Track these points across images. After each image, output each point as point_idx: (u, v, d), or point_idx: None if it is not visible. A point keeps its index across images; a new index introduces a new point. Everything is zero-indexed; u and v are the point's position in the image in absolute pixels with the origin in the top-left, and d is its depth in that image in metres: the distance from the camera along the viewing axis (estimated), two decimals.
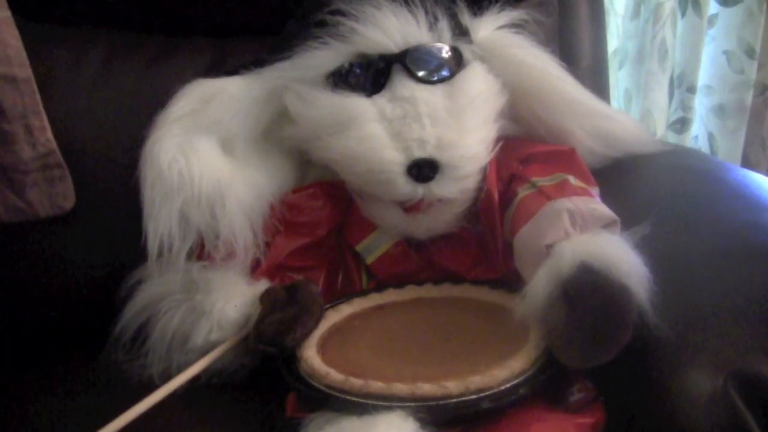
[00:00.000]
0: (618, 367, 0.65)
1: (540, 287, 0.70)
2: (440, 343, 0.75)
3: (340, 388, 0.67)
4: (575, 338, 0.65)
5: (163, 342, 0.78)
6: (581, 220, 0.74)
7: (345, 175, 0.86)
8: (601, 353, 0.64)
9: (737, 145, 1.67)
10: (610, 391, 0.70)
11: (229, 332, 0.77)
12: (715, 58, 1.67)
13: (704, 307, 0.70)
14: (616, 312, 0.65)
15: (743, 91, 1.64)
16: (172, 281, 0.82)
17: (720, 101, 1.68)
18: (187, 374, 0.70)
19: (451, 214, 0.85)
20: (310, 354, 0.74)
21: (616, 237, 0.72)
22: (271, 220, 0.86)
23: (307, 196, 0.90)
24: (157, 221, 0.80)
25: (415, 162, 0.79)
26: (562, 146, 0.88)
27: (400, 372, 0.68)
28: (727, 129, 1.68)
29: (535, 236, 0.75)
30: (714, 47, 1.66)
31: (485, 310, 0.81)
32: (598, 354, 0.65)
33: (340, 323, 0.82)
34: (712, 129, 1.71)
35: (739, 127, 1.66)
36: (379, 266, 0.89)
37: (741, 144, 1.67)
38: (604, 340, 0.64)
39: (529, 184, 0.83)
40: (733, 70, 1.65)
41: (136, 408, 0.64)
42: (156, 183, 0.81)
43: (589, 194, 0.79)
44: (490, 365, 0.67)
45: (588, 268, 0.67)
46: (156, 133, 0.84)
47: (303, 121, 0.85)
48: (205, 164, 0.83)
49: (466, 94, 0.83)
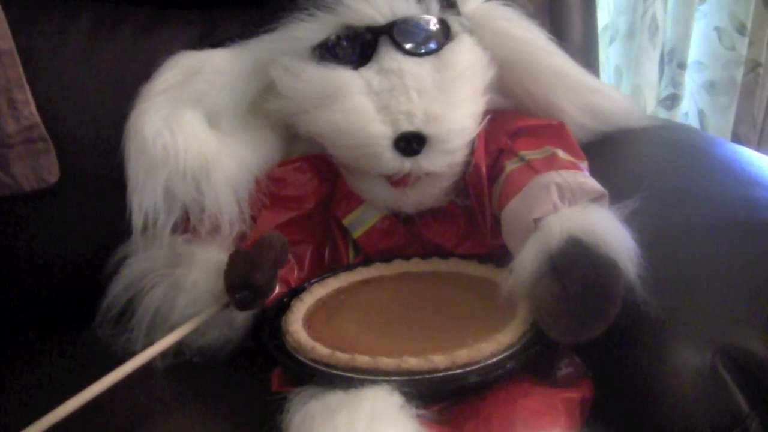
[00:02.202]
0: (606, 343, 0.65)
1: (528, 261, 0.69)
2: (427, 318, 0.75)
3: (325, 362, 0.67)
4: (563, 313, 0.65)
5: (146, 318, 0.77)
6: (570, 193, 0.73)
7: (332, 149, 0.85)
8: (589, 328, 0.64)
9: (727, 122, 1.67)
10: (598, 366, 0.70)
11: (206, 305, 0.76)
12: (706, 34, 1.66)
13: (693, 282, 0.69)
14: (604, 286, 0.64)
15: (734, 68, 1.63)
16: (156, 256, 0.81)
17: (711, 78, 1.67)
18: (162, 344, 0.68)
19: (439, 188, 0.84)
20: (295, 328, 0.73)
21: (605, 211, 0.71)
22: (257, 194, 0.86)
23: (293, 170, 0.89)
24: (142, 195, 0.79)
25: (403, 135, 0.78)
26: (551, 120, 0.87)
27: (386, 346, 0.68)
28: (717, 106, 1.68)
29: (523, 210, 0.75)
30: (705, 23, 1.65)
31: (473, 285, 0.81)
32: (586, 329, 0.64)
33: (326, 297, 0.82)
34: (703, 106, 1.71)
35: (730, 104, 1.65)
36: (366, 240, 0.88)
37: (731, 121, 1.66)
38: (592, 315, 0.64)
39: (517, 158, 0.82)
40: (724, 46, 1.64)
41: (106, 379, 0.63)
42: (140, 157, 0.80)
43: (577, 168, 0.79)
44: (477, 339, 0.66)
45: (576, 242, 0.67)
46: (140, 106, 0.83)
47: (289, 94, 0.84)
48: (190, 137, 0.82)
49: (454, 67, 0.82)
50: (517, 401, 0.64)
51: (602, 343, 0.64)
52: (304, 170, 0.89)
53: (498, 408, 0.64)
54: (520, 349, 0.67)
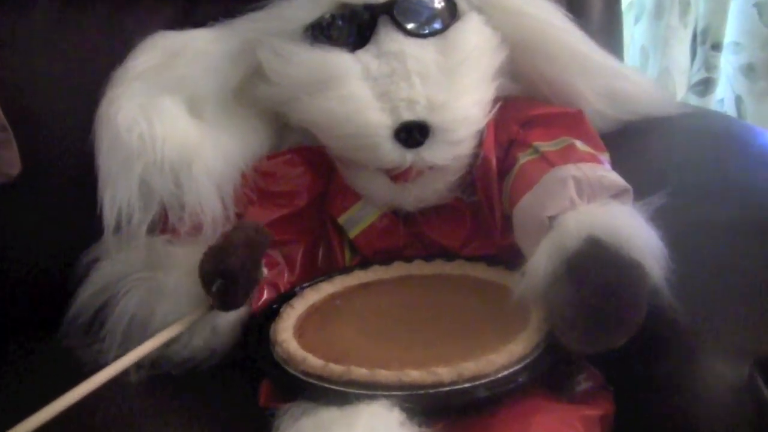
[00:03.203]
0: (629, 354, 0.65)
1: (542, 263, 0.69)
2: (431, 326, 0.75)
3: (318, 375, 0.67)
4: (581, 320, 0.65)
5: (121, 327, 0.77)
6: (588, 188, 0.73)
7: (326, 140, 0.85)
8: (610, 337, 0.64)
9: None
10: (620, 380, 0.70)
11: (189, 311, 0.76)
12: (744, 11, 1.65)
13: (727, 286, 0.70)
14: (626, 291, 0.64)
15: None
16: (131, 258, 0.81)
17: (749, 60, 1.67)
18: (138, 353, 0.69)
19: (444, 183, 0.85)
20: (285, 337, 0.73)
21: (628, 208, 0.72)
22: (244, 190, 0.86)
23: (283, 163, 0.90)
24: (115, 190, 0.79)
25: (404, 125, 0.79)
26: (567, 107, 0.88)
27: (385, 357, 0.68)
28: (756, 91, 1.67)
29: (536, 207, 0.75)
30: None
31: (481, 289, 0.81)
32: (606, 338, 0.64)
33: (319, 303, 0.82)
34: (740, 91, 1.70)
35: None
36: (363, 240, 0.89)
37: None
38: (613, 323, 0.64)
39: (530, 150, 0.82)
40: (765, 24, 1.63)
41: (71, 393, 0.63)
42: (113, 148, 0.80)
43: (597, 160, 0.79)
44: (486, 350, 0.66)
45: (595, 242, 0.67)
46: (113, 92, 0.83)
47: (279, 80, 0.85)
48: (169, 127, 0.82)
49: (461, 49, 0.83)
50: (530, 419, 0.64)
51: (625, 354, 0.64)
52: (295, 163, 0.90)
53: (509, 426, 0.63)
54: (534, 360, 0.67)
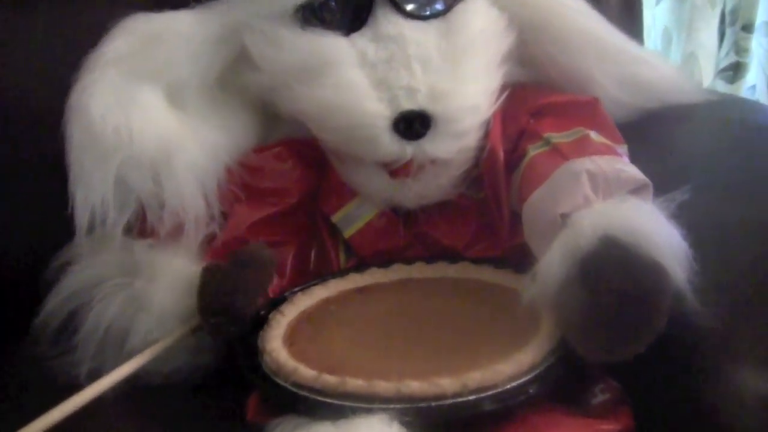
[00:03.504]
0: (650, 364, 0.64)
1: (554, 265, 0.69)
2: (433, 333, 0.75)
3: (311, 386, 0.67)
4: (597, 327, 0.64)
5: (95, 337, 0.77)
6: (604, 183, 0.73)
7: (318, 132, 0.85)
8: (629, 346, 0.64)
9: None
10: (640, 392, 0.70)
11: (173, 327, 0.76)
12: None
13: (757, 290, 0.69)
14: (646, 295, 0.64)
15: None
16: (106, 262, 0.81)
17: None
18: (118, 374, 0.69)
19: (447, 178, 0.85)
20: (275, 346, 0.73)
21: (648, 205, 0.71)
22: (229, 186, 0.86)
23: (272, 157, 0.90)
24: (88, 188, 0.79)
25: (403, 115, 0.79)
26: (581, 95, 0.87)
27: (383, 367, 0.68)
28: None
29: (548, 203, 0.75)
30: None
31: (487, 294, 0.81)
32: (625, 346, 0.64)
33: (312, 309, 0.82)
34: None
35: None
36: (359, 241, 0.89)
37: None
38: (632, 330, 0.64)
39: (541, 141, 0.82)
40: None
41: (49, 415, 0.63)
42: (86, 141, 0.80)
43: (614, 153, 0.79)
44: (492, 359, 0.66)
45: (612, 242, 0.67)
46: (86, 79, 0.83)
47: (267, 66, 0.85)
48: (148, 118, 0.82)
49: (465, 33, 0.83)
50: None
51: (645, 364, 0.64)
52: (285, 157, 0.90)
53: None
54: (545, 370, 0.67)
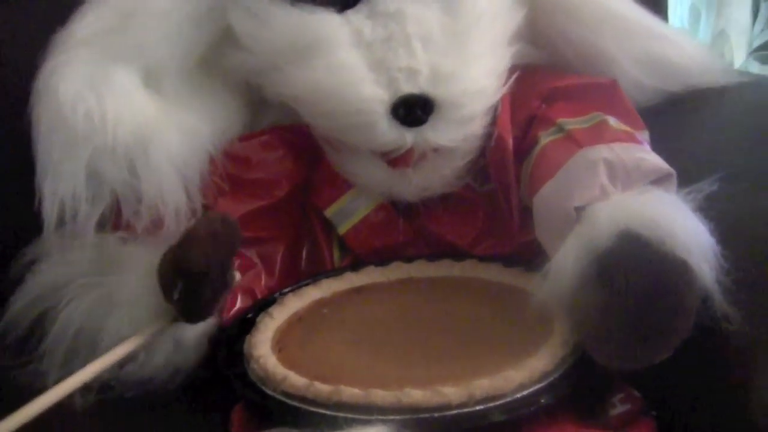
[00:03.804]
0: (674, 371, 0.64)
1: (568, 263, 0.69)
2: (436, 338, 0.75)
3: (302, 396, 0.67)
4: (615, 331, 0.64)
5: (64, 342, 0.77)
6: (623, 173, 0.73)
7: (310, 118, 0.85)
8: (651, 351, 0.64)
9: None
10: (663, 402, 0.70)
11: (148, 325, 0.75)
12: None
13: None
14: (670, 296, 0.63)
15: None
16: (77, 260, 0.81)
17: None
18: (85, 374, 0.68)
19: (451, 168, 0.85)
20: (262, 352, 0.73)
21: (671, 196, 0.71)
22: (212, 178, 0.86)
23: (260, 146, 0.90)
24: (57, 179, 0.78)
25: (403, 99, 0.79)
26: (599, 77, 0.87)
27: (382, 375, 0.68)
28: None
29: (561, 196, 0.75)
30: None
31: (495, 295, 0.81)
32: (646, 352, 0.64)
33: (303, 312, 0.82)
34: None
35: None
36: (355, 237, 0.89)
37: None
38: (654, 334, 0.63)
39: (554, 128, 0.82)
40: None
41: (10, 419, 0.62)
42: (55, 128, 0.79)
43: (634, 140, 0.79)
44: (501, 366, 0.66)
45: (632, 237, 0.66)
46: (55, 61, 0.82)
47: (253, 46, 0.85)
48: (123, 103, 0.81)
49: (471, 9, 0.83)
50: None
51: (669, 371, 0.64)
52: (273, 146, 0.90)
53: None
54: (559, 378, 0.67)
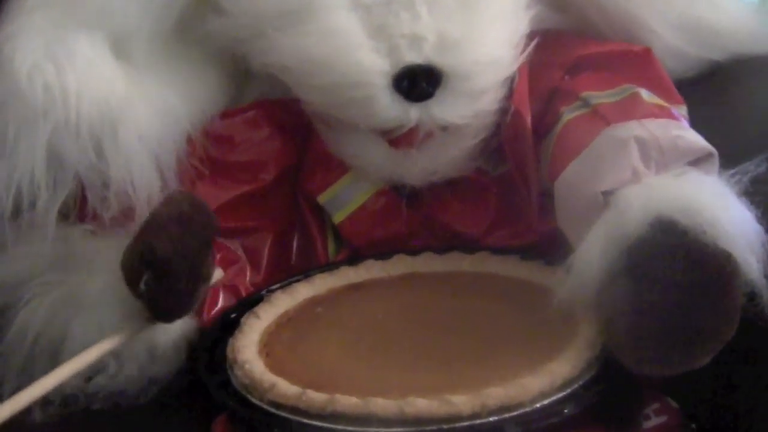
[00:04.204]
0: (716, 378, 0.64)
1: (594, 256, 0.68)
2: (443, 340, 0.75)
3: (293, 406, 0.66)
4: (649, 333, 0.63)
5: (22, 347, 0.77)
6: (658, 153, 0.72)
7: (301, 91, 0.85)
8: (690, 355, 0.62)
9: None
10: (704, 413, 0.69)
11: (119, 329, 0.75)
12: None
13: None
14: (711, 292, 0.62)
15: None
16: (36, 255, 0.81)
17: None
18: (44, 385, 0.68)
19: (461, 149, 0.85)
20: (248, 357, 0.72)
21: (712, 179, 0.71)
22: (190, 160, 0.85)
23: (243, 124, 0.90)
24: (13, 161, 0.77)
25: (406, 70, 0.79)
26: (630, 45, 0.87)
27: (383, 381, 0.68)
28: None
29: (587, 179, 0.74)
30: None
31: (511, 292, 0.81)
32: (684, 356, 0.63)
33: (294, 311, 0.82)
34: None
35: None
36: (352, 227, 0.89)
37: None
38: (693, 336, 0.62)
39: (579, 102, 0.82)
40: None
41: None
42: (10, 103, 0.78)
43: (670, 116, 0.78)
44: (518, 371, 0.65)
45: (668, 226, 0.65)
46: (9, 28, 0.81)
47: (236, 9, 0.85)
48: (87, 74, 0.80)
49: None
50: None
51: (710, 378, 0.64)
52: (259, 124, 0.90)
53: None
54: (584, 386, 0.66)
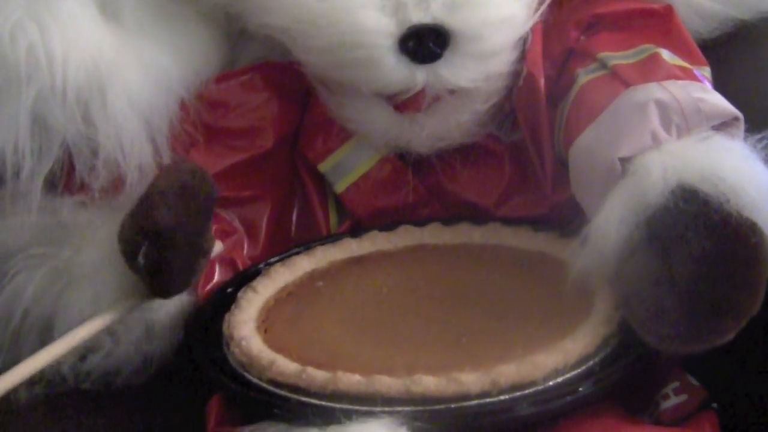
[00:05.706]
0: (740, 356, 0.65)
1: (612, 226, 0.68)
2: (452, 316, 0.75)
3: (293, 384, 0.66)
4: (669, 307, 0.63)
5: (10, 324, 0.77)
6: (679, 117, 0.72)
7: (301, 53, 0.85)
8: (712, 331, 0.62)
9: None
10: (726, 392, 0.69)
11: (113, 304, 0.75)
12: None
13: None
14: (735, 264, 0.62)
15: None
16: (21, 227, 0.81)
17: None
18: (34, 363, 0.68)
19: (471, 113, 0.85)
20: (245, 333, 0.73)
21: (737, 144, 0.70)
22: (183, 126, 0.85)
23: (240, 87, 0.90)
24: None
25: (413, 30, 0.79)
26: (650, 2, 0.86)
27: (387, 359, 0.68)
28: None
29: (604, 144, 0.73)
30: None
31: (524, 264, 0.81)
32: (706, 332, 0.62)
33: (294, 286, 0.83)
34: None
35: None
36: (355, 197, 0.89)
37: None
38: (716, 311, 0.62)
39: (595, 64, 0.82)
40: None
41: None
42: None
43: (692, 77, 0.78)
44: (530, 348, 0.66)
45: (690, 194, 0.65)
46: None
47: None
48: (73, 35, 0.79)
49: None
50: None
51: (733, 356, 0.64)
52: (257, 87, 0.90)
53: None
54: (600, 363, 0.66)
